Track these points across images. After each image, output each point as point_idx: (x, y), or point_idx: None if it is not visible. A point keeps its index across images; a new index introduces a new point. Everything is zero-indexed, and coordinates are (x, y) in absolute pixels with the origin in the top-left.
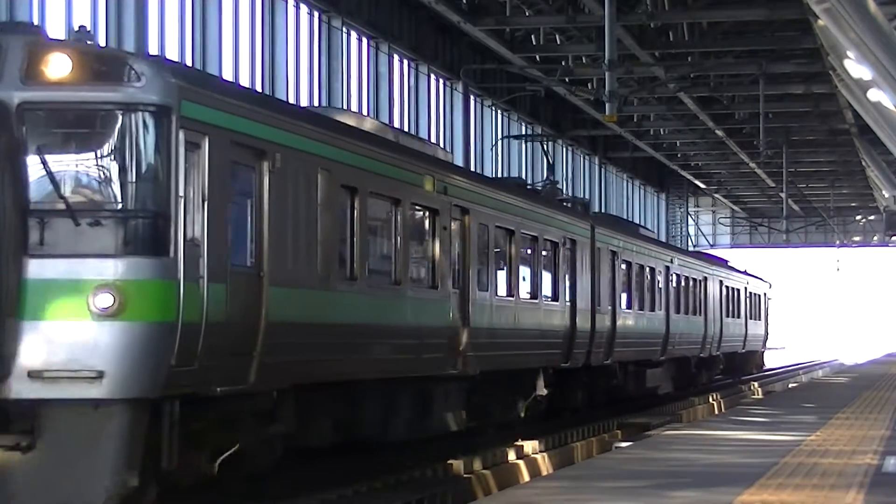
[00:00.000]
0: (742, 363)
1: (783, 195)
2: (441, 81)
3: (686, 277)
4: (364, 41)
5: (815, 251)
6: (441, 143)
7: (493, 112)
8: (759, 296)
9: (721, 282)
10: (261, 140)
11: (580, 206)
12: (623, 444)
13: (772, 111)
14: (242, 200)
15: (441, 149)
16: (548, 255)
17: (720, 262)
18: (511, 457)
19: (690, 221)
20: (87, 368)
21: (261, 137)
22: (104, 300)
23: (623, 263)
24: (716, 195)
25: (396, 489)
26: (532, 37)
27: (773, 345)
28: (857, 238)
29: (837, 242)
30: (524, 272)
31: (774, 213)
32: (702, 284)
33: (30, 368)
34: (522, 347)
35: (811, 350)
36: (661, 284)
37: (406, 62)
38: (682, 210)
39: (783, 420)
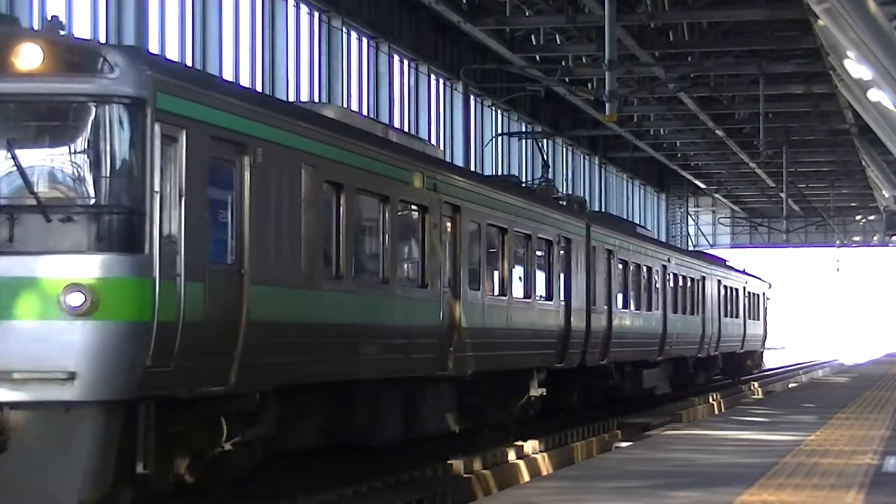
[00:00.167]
0: (741, 363)
1: (783, 195)
2: (441, 81)
3: (684, 277)
4: (364, 41)
5: (815, 251)
6: (441, 143)
7: (493, 112)
8: (758, 295)
9: (719, 281)
10: (241, 134)
11: (576, 205)
12: (623, 444)
13: (772, 111)
14: (222, 196)
15: (431, 145)
16: (542, 254)
17: (718, 262)
18: (511, 457)
19: (690, 221)
20: (59, 369)
21: (241, 131)
22: (76, 299)
23: (619, 262)
24: (716, 195)
25: (396, 489)
26: (532, 37)
27: (773, 345)
28: (857, 238)
29: (837, 242)
30: (517, 271)
31: (774, 213)
32: (699, 284)
33: None
34: (515, 348)
35: (811, 350)
36: (659, 284)
37: (406, 62)
38: (682, 210)
39: (783, 420)
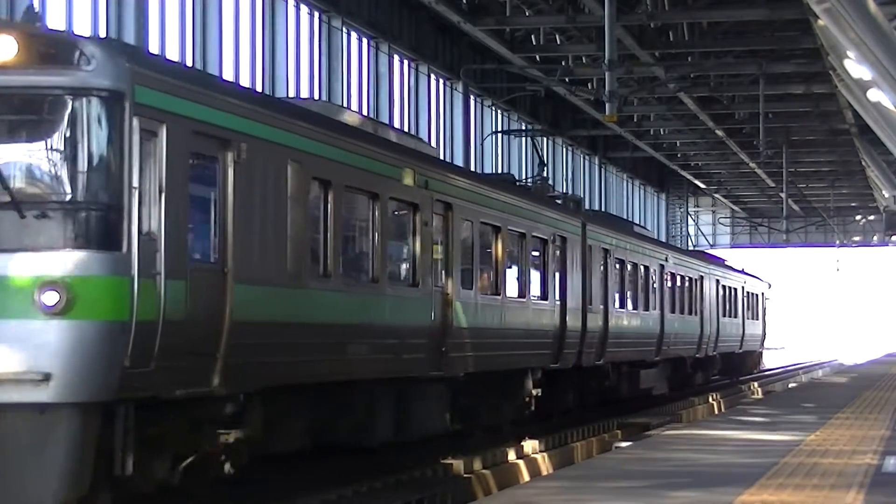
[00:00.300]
0: (739, 363)
1: (783, 195)
2: (441, 81)
3: (682, 276)
4: (364, 41)
5: (815, 251)
6: (441, 143)
7: (493, 112)
8: (757, 295)
9: (718, 281)
10: (224, 129)
11: (572, 203)
12: (623, 444)
13: (772, 111)
14: (205, 192)
15: (422, 141)
16: (537, 253)
17: (717, 262)
18: (511, 457)
19: (690, 221)
20: (33, 370)
21: (224, 126)
22: (51, 297)
23: (616, 262)
24: (716, 195)
25: (396, 489)
26: (532, 37)
27: (772, 345)
28: (857, 238)
29: (837, 242)
30: (511, 270)
31: (774, 213)
32: (698, 283)
33: None
34: (509, 348)
35: (811, 350)
36: (656, 283)
37: (406, 62)
38: (682, 210)
39: (783, 420)
